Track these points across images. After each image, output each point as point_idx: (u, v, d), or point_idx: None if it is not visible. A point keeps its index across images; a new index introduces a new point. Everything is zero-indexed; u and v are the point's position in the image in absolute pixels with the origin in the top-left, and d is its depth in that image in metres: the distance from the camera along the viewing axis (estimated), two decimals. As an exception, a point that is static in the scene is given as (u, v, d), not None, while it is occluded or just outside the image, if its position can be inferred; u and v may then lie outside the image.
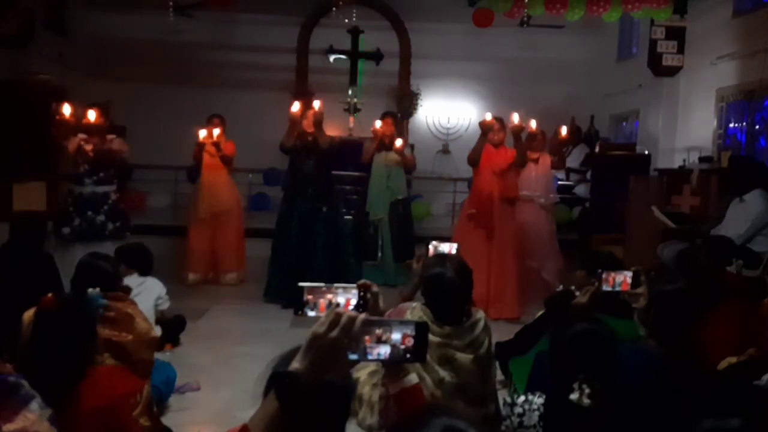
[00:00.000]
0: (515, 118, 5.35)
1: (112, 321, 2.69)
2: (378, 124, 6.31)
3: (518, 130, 5.37)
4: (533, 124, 5.71)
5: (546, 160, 6.23)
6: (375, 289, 1.44)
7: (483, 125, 5.36)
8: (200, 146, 6.07)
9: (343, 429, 1.34)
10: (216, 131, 6.10)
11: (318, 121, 5.39)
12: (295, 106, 5.42)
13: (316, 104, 5.42)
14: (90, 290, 2.73)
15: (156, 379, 3.07)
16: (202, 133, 6.03)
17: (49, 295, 2.12)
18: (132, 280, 3.63)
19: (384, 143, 6.27)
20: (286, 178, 5.73)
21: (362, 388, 2.41)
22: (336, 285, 1.36)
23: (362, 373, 2.47)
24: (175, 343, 4.36)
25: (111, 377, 2.23)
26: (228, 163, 6.31)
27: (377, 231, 6.33)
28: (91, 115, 5.04)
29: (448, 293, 2.29)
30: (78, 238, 4.89)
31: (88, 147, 5.02)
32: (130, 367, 2.55)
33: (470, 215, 5.57)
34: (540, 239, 6.04)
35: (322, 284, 1.36)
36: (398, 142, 6.25)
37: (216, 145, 6.11)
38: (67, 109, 4.98)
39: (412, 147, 6.55)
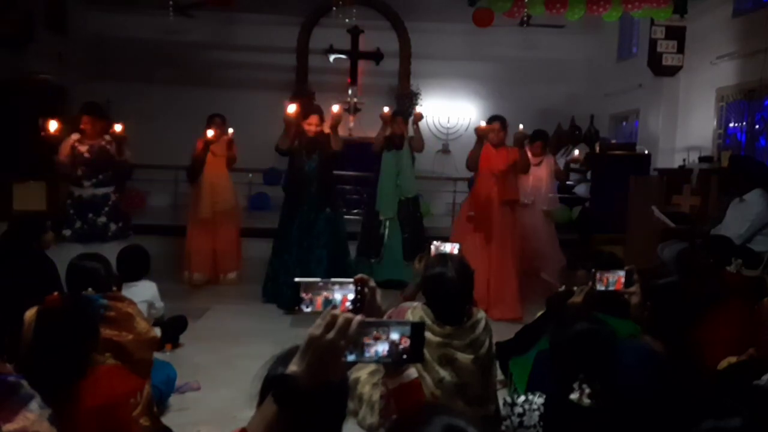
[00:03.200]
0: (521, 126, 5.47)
1: (112, 321, 2.69)
2: (386, 109, 6.32)
3: (521, 138, 5.47)
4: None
5: (549, 163, 6.21)
6: (372, 284, 1.43)
7: (478, 132, 5.42)
8: (207, 144, 6.02)
9: (340, 429, 1.34)
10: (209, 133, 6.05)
11: (335, 125, 5.37)
12: (291, 108, 5.35)
13: (335, 108, 5.41)
14: (85, 292, 2.73)
15: (156, 379, 3.06)
16: (210, 132, 6.00)
17: (55, 294, 2.12)
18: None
19: (394, 142, 6.22)
20: (287, 178, 5.68)
21: (362, 388, 2.41)
22: (333, 280, 1.34)
23: (362, 373, 2.47)
24: (175, 343, 4.36)
25: (111, 377, 2.22)
26: (232, 163, 6.33)
27: (385, 229, 6.29)
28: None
29: (449, 293, 2.29)
30: (79, 240, 4.86)
31: (83, 148, 4.95)
32: (130, 367, 2.55)
33: (469, 217, 5.57)
34: (539, 241, 6.05)
35: (318, 279, 1.34)
36: (418, 108, 6.25)
37: (230, 142, 6.11)
38: (53, 125, 4.87)
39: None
